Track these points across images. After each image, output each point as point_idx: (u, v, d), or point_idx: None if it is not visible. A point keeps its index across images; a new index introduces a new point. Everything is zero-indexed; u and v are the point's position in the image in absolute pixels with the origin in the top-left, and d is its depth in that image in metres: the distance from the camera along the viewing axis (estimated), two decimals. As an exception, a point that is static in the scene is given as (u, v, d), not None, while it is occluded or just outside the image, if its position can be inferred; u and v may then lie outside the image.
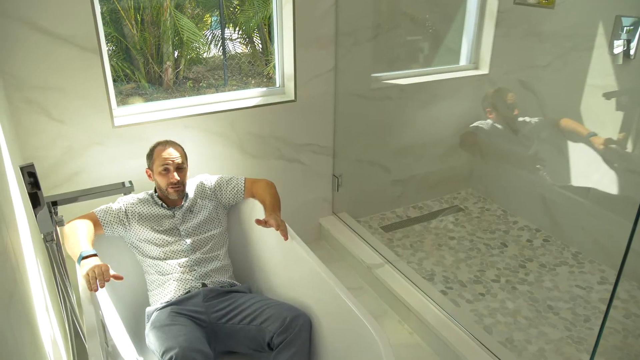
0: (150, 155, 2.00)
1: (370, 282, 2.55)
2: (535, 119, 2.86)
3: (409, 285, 2.36)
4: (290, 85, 2.59)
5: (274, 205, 1.97)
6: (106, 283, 1.68)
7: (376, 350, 1.41)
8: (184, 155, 2.02)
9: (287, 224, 1.97)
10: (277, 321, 1.69)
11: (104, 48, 2.14)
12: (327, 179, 2.89)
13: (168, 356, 1.53)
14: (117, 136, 2.22)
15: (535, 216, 3.05)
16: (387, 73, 2.93)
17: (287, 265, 1.96)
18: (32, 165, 1.26)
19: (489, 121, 2.98)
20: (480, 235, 3.00)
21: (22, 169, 1.24)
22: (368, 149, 3.00)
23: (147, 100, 4.84)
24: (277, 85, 2.68)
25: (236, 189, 2.12)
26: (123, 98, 4.71)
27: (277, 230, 1.85)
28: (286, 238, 1.88)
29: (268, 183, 2.10)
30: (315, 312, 1.75)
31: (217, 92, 2.53)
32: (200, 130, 2.40)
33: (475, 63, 3.11)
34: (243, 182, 2.13)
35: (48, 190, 2.16)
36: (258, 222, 1.85)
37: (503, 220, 3.15)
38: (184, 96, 2.49)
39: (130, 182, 1.62)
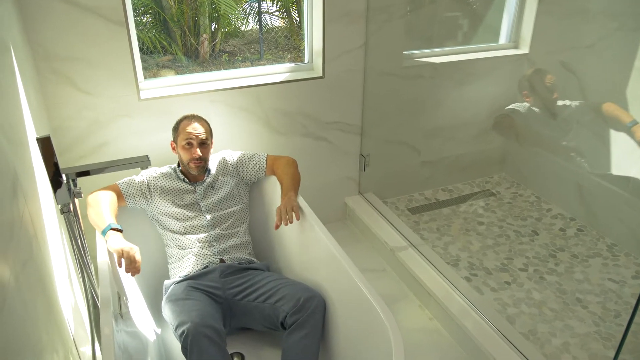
0: (176, 128, 2.00)
1: (393, 265, 2.51)
2: (575, 103, 2.71)
3: (432, 270, 2.31)
4: (318, 61, 2.54)
5: (289, 187, 1.95)
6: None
7: (387, 336, 1.38)
8: (208, 132, 2.01)
9: (308, 205, 1.94)
10: (291, 301, 1.68)
11: (131, 20, 2.13)
12: (354, 158, 2.84)
13: (180, 330, 1.54)
14: (143, 109, 2.23)
15: (570, 204, 2.92)
16: (421, 51, 2.83)
17: (305, 246, 1.94)
18: (48, 137, 1.27)
19: (526, 104, 2.84)
20: (511, 221, 2.90)
21: (38, 140, 1.25)
22: (397, 128, 2.92)
23: (180, 73, 4.86)
24: (306, 61, 2.63)
25: (258, 166, 2.10)
26: (156, 70, 4.76)
27: (283, 221, 1.83)
28: (286, 223, 1.84)
29: (289, 161, 2.07)
30: (330, 294, 1.73)
31: (252, 66, 2.50)
32: (226, 105, 2.39)
33: (515, 42, 2.97)
34: (265, 158, 2.11)
35: (74, 161, 2.20)
36: (276, 228, 1.88)
37: (536, 207, 3.03)
38: (219, 69, 2.47)
39: (147, 156, 1.61)
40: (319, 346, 1.65)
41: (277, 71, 2.56)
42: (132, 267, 1.55)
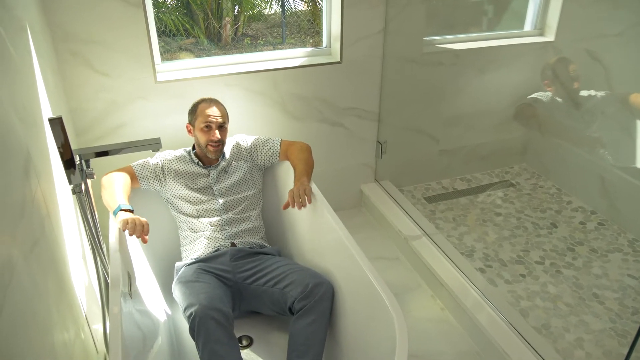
0: (193, 111, 2.00)
1: (407, 254, 2.49)
2: (601, 93, 2.63)
3: (445, 260, 2.28)
4: (336, 46, 2.50)
5: (302, 172, 1.94)
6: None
7: (392, 325, 1.37)
8: (226, 116, 2.02)
9: (321, 192, 1.94)
10: (299, 287, 1.68)
11: (149, 2, 2.13)
12: (371, 145, 2.81)
13: (189, 312, 1.56)
14: (160, 91, 2.24)
15: (592, 197, 2.85)
16: (441, 37, 2.77)
17: (316, 232, 1.94)
18: (60, 118, 1.28)
19: (549, 93, 2.77)
20: (530, 213, 2.85)
21: (50, 121, 1.26)
22: (415, 116, 2.88)
23: (201, 56, 4.87)
24: (324, 45, 2.60)
25: (272, 151, 2.10)
26: (178, 53, 4.76)
27: (296, 205, 1.83)
28: (299, 207, 1.84)
29: (303, 147, 2.06)
30: (339, 282, 1.73)
31: (274, 50, 2.49)
32: (242, 88, 2.38)
33: (540, 29, 2.88)
34: (279, 143, 2.10)
35: (92, 142, 2.22)
36: (285, 207, 1.89)
37: (556, 199, 2.97)
38: (241, 53, 2.47)
39: (159, 138, 1.62)
40: (326, 332, 1.66)
41: (295, 55, 2.54)
42: (139, 229, 1.57)
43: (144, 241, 1.58)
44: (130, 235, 1.56)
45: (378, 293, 1.46)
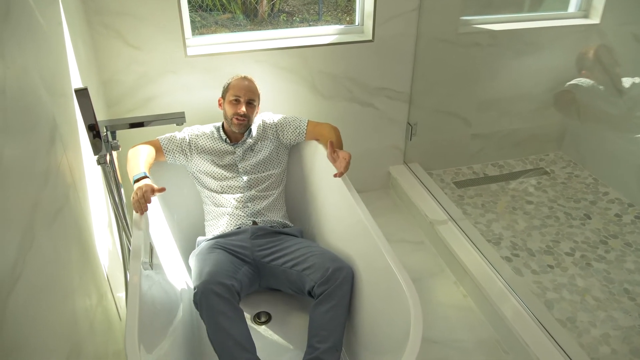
0: (227, 85, 2.03)
1: (432, 238, 2.46)
2: (646, 80, 2.50)
3: (470, 246, 2.24)
4: (369, 24, 2.45)
5: (339, 145, 1.94)
6: (163, 209, 1.75)
7: (408, 311, 1.35)
8: (257, 95, 2.03)
9: (345, 174, 1.91)
10: (319, 271, 1.67)
11: (181, -25, 2.12)
12: (401, 126, 2.76)
13: (194, 286, 1.60)
14: (189, 66, 2.25)
15: (630, 189, 2.73)
16: (479, 17, 2.67)
17: (338, 213, 1.93)
18: (85, 89, 1.30)
19: (590, 80, 2.64)
20: (563, 203, 2.76)
21: (75, 91, 1.28)
22: (448, 98, 2.80)
23: (235, 32, 4.86)
24: (357, 23, 2.55)
25: (298, 131, 2.08)
26: (214, 28, 4.77)
27: (341, 167, 1.80)
28: (339, 174, 1.80)
29: (332, 127, 2.04)
30: (359, 265, 1.72)
31: (308, 27, 2.46)
32: (272, 65, 2.36)
33: (585, 10, 2.74)
34: (306, 124, 2.08)
35: (122, 113, 2.26)
36: (330, 156, 1.86)
37: (592, 189, 2.86)
38: (276, 29, 2.46)
39: (183, 112, 1.63)
40: (346, 316, 1.64)
41: (326, 33, 2.50)
42: (144, 201, 1.59)
43: (146, 207, 1.61)
44: (141, 213, 1.60)
45: (396, 277, 1.44)
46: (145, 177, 1.69)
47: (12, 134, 0.99)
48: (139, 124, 1.56)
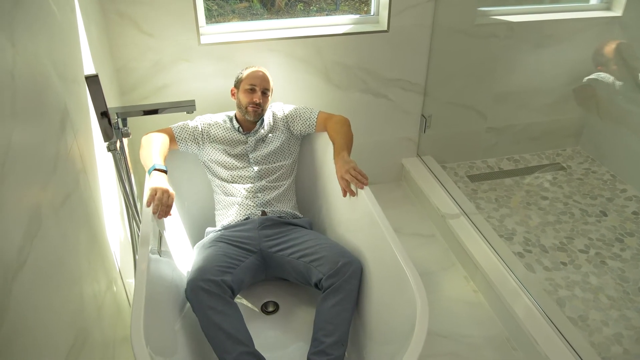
0: (240, 75, 2.04)
1: (443, 232, 2.43)
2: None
3: (482, 241, 2.21)
4: (384, 14, 2.42)
5: (342, 146, 1.91)
6: (177, 198, 1.75)
7: (415, 305, 1.34)
8: (271, 86, 2.05)
9: (358, 165, 1.89)
10: (328, 264, 1.66)
11: (195, -38, 2.12)
12: (415, 118, 2.73)
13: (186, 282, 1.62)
14: (203, 54, 2.24)
15: (649, 187, 2.67)
16: (497, 8, 2.61)
17: (348, 205, 1.91)
18: (96, 76, 1.30)
19: (609, 76, 2.58)
20: (578, 199, 2.71)
21: (86, 78, 1.28)
22: (463, 90, 2.76)
23: (245, 20, 4.85)
24: (372, 13, 2.52)
25: (308, 122, 2.07)
26: (225, 17, 4.76)
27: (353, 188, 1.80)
28: (361, 186, 1.77)
29: (342, 120, 2.02)
30: (367, 258, 1.71)
31: (324, 17, 2.45)
32: (285, 54, 2.35)
33: (607, 2, 2.67)
34: (316, 115, 2.07)
35: (136, 101, 2.27)
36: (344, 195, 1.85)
37: (609, 186, 2.80)
38: (290, 19, 2.45)
39: (193, 100, 1.63)
40: (353, 311, 1.63)
41: (340, 22, 2.48)
42: (162, 209, 1.60)
43: (159, 217, 1.61)
44: (153, 213, 1.59)
45: (403, 270, 1.43)
46: (164, 171, 1.71)
47: (20, 119, 0.99)
48: (150, 112, 1.56)
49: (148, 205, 1.60)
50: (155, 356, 1.20)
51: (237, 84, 2.03)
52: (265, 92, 1.99)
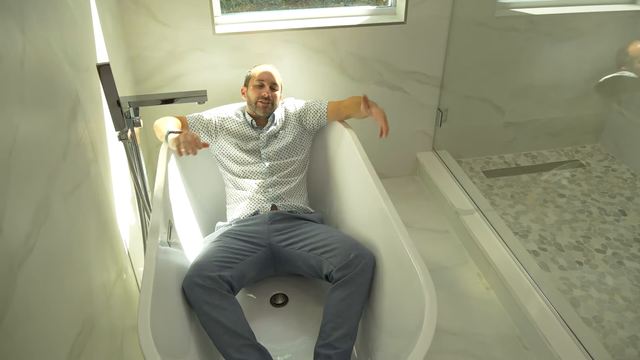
0: (250, 74, 2.04)
1: (457, 228, 2.40)
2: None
3: (496, 238, 2.18)
4: (401, 5, 2.38)
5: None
6: (187, 189, 1.75)
7: (423, 301, 1.32)
8: (280, 82, 2.04)
9: (369, 158, 1.88)
10: (340, 256, 1.64)
11: (211, -49, 2.10)
12: (431, 112, 2.69)
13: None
14: (218, 44, 2.23)
15: (671, 186, 2.60)
16: (517, 0, 2.55)
17: (360, 199, 1.89)
18: (107, 65, 1.30)
19: (632, 73, 2.50)
20: (597, 197, 2.65)
21: (97, 67, 1.28)
22: (481, 84, 2.71)
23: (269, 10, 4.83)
24: (389, 4, 2.48)
25: (319, 114, 2.05)
26: (249, 7, 4.75)
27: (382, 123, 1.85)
28: (386, 133, 1.86)
29: (353, 97, 2.04)
30: (379, 253, 1.69)
31: (342, 7, 2.42)
32: (300, 45, 2.33)
33: (633, -5, 2.59)
34: (326, 106, 2.05)
35: (150, 90, 2.27)
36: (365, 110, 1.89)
37: (630, 184, 2.74)
38: (306, 9, 2.42)
39: (205, 91, 1.62)
40: (363, 304, 1.61)
41: (357, 13, 2.44)
42: (192, 145, 1.62)
43: (195, 152, 1.63)
44: (187, 153, 1.62)
45: (412, 266, 1.41)
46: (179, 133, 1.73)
47: (29, 106, 0.99)
48: (161, 101, 1.56)
49: (179, 151, 1.63)
50: (160, 346, 1.20)
51: (247, 82, 2.04)
52: (273, 87, 1.99)
